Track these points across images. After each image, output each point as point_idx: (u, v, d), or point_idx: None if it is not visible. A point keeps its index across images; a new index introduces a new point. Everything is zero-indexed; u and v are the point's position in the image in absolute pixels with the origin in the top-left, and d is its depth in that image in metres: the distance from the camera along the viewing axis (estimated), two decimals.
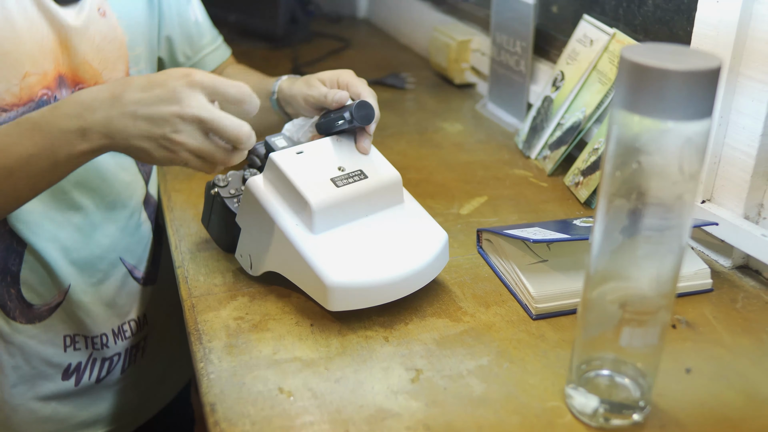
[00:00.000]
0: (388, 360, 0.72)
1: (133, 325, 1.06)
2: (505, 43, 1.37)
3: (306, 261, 0.75)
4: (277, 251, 0.79)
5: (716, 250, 0.92)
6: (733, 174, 0.89)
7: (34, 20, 0.86)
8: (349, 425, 0.64)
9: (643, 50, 0.54)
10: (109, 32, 0.94)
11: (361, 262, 0.76)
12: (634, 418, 0.64)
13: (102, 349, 1.02)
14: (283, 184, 0.78)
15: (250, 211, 0.81)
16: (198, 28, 1.12)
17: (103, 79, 0.94)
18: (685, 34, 1.05)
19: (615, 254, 0.60)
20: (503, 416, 0.65)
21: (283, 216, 0.77)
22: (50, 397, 0.99)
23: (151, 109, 0.69)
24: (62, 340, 0.98)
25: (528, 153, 1.23)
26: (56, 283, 0.95)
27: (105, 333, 1.02)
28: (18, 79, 0.84)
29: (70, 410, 1.02)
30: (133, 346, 1.07)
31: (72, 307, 0.97)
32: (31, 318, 0.95)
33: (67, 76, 0.90)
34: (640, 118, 0.54)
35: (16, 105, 0.85)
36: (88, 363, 1.01)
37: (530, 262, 0.83)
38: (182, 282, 0.85)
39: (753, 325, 0.79)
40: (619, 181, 0.57)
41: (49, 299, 0.95)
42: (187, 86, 0.69)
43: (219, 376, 0.70)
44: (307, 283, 0.77)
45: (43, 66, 0.87)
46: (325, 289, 0.74)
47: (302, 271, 0.76)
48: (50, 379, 0.98)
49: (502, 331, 0.77)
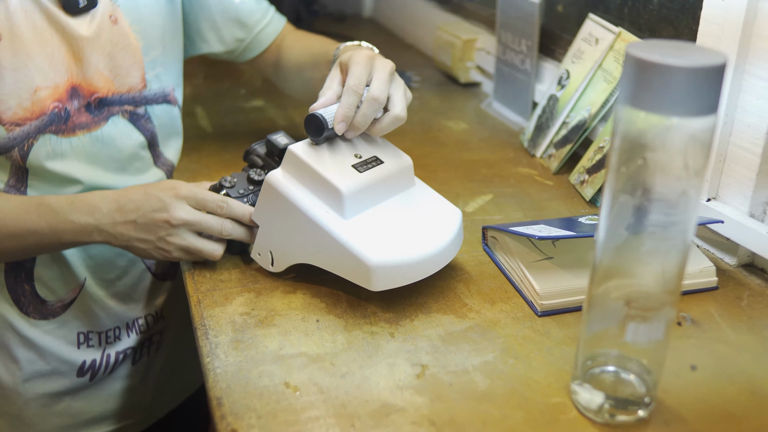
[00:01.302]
0: (393, 356, 0.73)
1: (149, 320, 1.06)
2: (511, 41, 1.37)
3: (344, 246, 0.76)
4: (307, 241, 0.79)
5: (721, 248, 0.92)
6: (739, 172, 0.89)
7: (44, 34, 0.86)
8: (355, 420, 0.64)
9: (649, 46, 0.55)
10: (122, 39, 0.93)
11: (395, 242, 0.78)
12: (639, 414, 0.64)
13: (114, 343, 1.02)
14: (307, 174, 0.79)
15: (270, 206, 0.81)
16: (245, 6, 1.10)
17: (115, 86, 0.93)
18: (691, 32, 1.05)
19: (620, 250, 0.60)
20: (508, 412, 0.65)
21: (311, 205, 0.78)
22: (64, 392, 1.00)
23: (147, 216, 0.82)
24: (76, 337, 0.98)
25: (533, 151, 1.23)
26: (71, 279, 0.96)
27: (118, 326, 1.02)
28: (29, 93, 0.85)
29: (83, 405, 1.02)
30: (146, 340, 1.07)
31: (86, 302, 0.98)
32: (45, 314, 0.96)
33: (81, 87, 0.90)
34: (645, 114, 0.54)
35: (29, 119, 0.86)
36: (102, 360, 1.01)
37: (535, 259, 0.83)
38: (188, 278, 0.86)
39: (757, 323, 0.79)
40: (624, 178, 0.57)
41: (63, 295, 0.96)
42: (174, 197, 0.82)
43: (225, 370, 0.70)
44: (345, 268, 0.78)
45: (54, 79, 0.87)
46: (368, 271, 0.75)
47: (339, 256, 0.77)
48: (65, 375, 0.99)
49: (507, 328, 0.77)
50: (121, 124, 0.95)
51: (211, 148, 1.22)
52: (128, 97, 0.95)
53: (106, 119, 0.93)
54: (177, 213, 0.82)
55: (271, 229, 0.83)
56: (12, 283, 0.94)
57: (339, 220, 0.78)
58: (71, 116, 0.90)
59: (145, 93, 0.97)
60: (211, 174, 1.12)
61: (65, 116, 0.89)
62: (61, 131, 0.89)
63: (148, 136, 0.99)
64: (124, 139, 0.96)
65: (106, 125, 0.93)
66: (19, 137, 0.86)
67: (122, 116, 0.95)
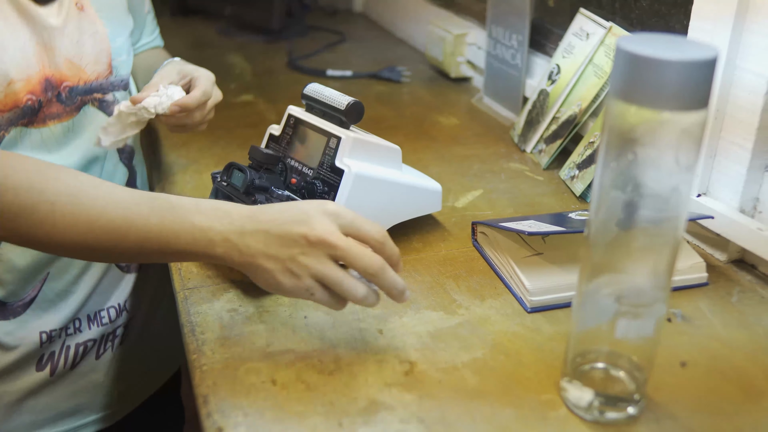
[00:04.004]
0: (381, 353, 0.72)
1: (111, 312, 1.04)
2: (501, 36, 1.37)
3: (419, 187, 0.92)
4: (388, 206, 0.89)
5: (712, 244, 0.92)
6: (729, 168, 0.89)
7: (15, 26, 0.85)
8: (343, 417, 0.63)
9: (639, 40, 0.54)
10: (89, 26, 0.93)
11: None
12: (629, 411, 0.64)
13: (75, 334, 0.99)
14: (366, 149, 0.86)
15: (360, 198, 0.84)
16: (150, 18, 1.18)
17: (86, 74, 0.94)
18: (682, 27, 1.05)
19: (610, 246, 0.60)
20: (497, 409, 0.65)
21: (385, 173, 0.88)
22: (26, 389, 0.97)
23: (282, 227, 0.67)
24: (38, 336, 0.96)
25: (524, 147, 1.23)
26: (32, 276, 0.94)
27: (79, 318, 1.00)
28: (3, 86, 0.83)
29: (48, 401, 1.00)
30: (109, 333, 1.04)
31: (48, 299, 0.96)
32: (6, 315, 0.94)
33: (53, 77, 0.89)
34: (636, 108, 0.54)
35: (2, 111, 0.85)
36: (62, 350, 0.99)
37: (525, 255, 0.83)
38: (175, 273, 0.85)
39: (748, 319, 0.79)
40: (615, 173, 0.57)
41: (23, 295, 0.94)
42: (320, 211, 0.68)
43: (212, 368, 0.69)
44: (420, 205, 0.93)
45: (27, 71, 0.86)
46: (439, 193, 0.94)
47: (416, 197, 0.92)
48: (26, 371, 0.97)
49: (496, 324, 0.77)
50: (91, 113, 0.96)
51: (200, 142, 1.21)
52: (96, 84, 0.96)
53: (78, 109, 0.94)
54: (319, 228, 0.66)
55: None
56: None
57: (400, 174, 0.90)
58: (42, 107, 0.89)
59: (111, 79, 0.98)
60: (200, 169, 1.12)
61: (38, 107, 0.88)
62: (32, 122, 0.88)
63: None
64: (95, 128, 0.96)
65: (78, 115, 0.94)
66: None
67: (92, 105, 0.96)
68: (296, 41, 1.89)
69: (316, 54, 1.79)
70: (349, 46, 1.88)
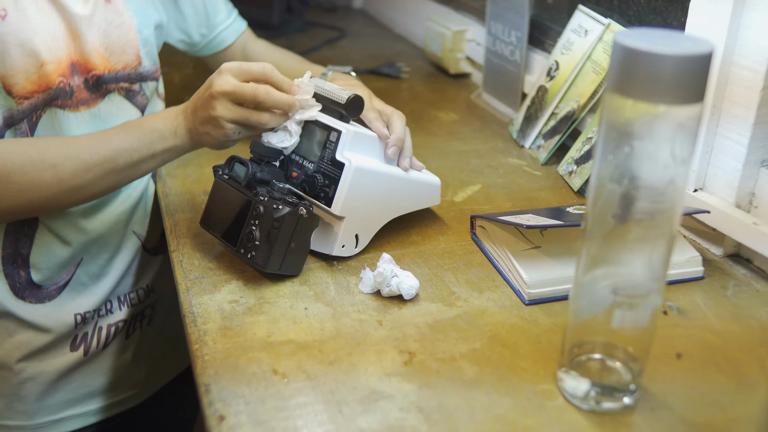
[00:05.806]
0: (381, 343, 0.73)
1: (140, 293, 1.09)
2: (500, 33, 1.38)
3: (418, 180, 0.93)
4: (388, 199, 0.90)
5: (708, 238, 0.93)
6: (725, 163, 0.89)
7: (45, 10, 0.89)
8: (343, 406, 0.64)
9: (636, 35, 0.55)
10: (116, 18, 0.96)
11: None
12: (625, 401, 0.65)
13: (107, 316, 1.05)
14: (365, 143, 0.87)
15: (357, 190, 0.85)
16: (212, 4, 1.16)
17: (111, 64, 0.96)
18: (679, 24, 1.06)
19: (607, 239, 0.60)
20: (495, 399, 0.66)
21: (384, 167, 0.89)
22: (62, 369, 1.01)
23: (199, 100, 0.84)
24: (73, 318, 1.00)
25: (522, 142, 1.24)
26: (68, 261, 0.97)
27: (111, 300, 1.04)
28: (36, 67, 0.88)
29: (82, 379, 1.04)
30: (138, 314, 1.09)
31: (81, 282, 1.00)
32: (41, 298, 0.98)
33: (79, 64, 0.93)
34: (633, 102, 0.54)
35: (37, 92, 0.89)
36: (94, 331, 1.03)
37: (523, 248, 0.84)
38: (177, 265, 0.86)
39: (743, 312, 0.80)
40: (612, 166, 0.57)
41: (58, 279, 0.98)
42: (216, 73, 0.83)
43: (214, 357, 0.70)
44: (421, 198, 0.94)
45: (57, 54, 0.90)
46: (438, 187, 0.95)
47: (417, 190, 0.93)
48: (61, 352, 1.00)
49: (495, 316, 0.78)
50: (117, 101, 0.99)
51: None
52: (124, 74, 0.99)
53: (103, 96, 0.97)
54: (217, 84, 0.82)
55: (358, 213, 0.86)
56: (9, 269, 0.96)
57: (398, 168, 0.91)
58: (74, 92, 0.93)
59: (140, 70, 1.01)
60: (202, 162, 1.12)
61: (70, 91, 0.92)
62: (66, 105, 0.93)
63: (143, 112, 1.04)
64: (121, 115, 0.99)
65: (103, 102, 0.97)
66: (28, 110, 0.90)
67: (118, 93, 0.99)
68: (295, 37, 1.90)
69: (316, 50, 1.79)
70: (349, 42, 1.88)
